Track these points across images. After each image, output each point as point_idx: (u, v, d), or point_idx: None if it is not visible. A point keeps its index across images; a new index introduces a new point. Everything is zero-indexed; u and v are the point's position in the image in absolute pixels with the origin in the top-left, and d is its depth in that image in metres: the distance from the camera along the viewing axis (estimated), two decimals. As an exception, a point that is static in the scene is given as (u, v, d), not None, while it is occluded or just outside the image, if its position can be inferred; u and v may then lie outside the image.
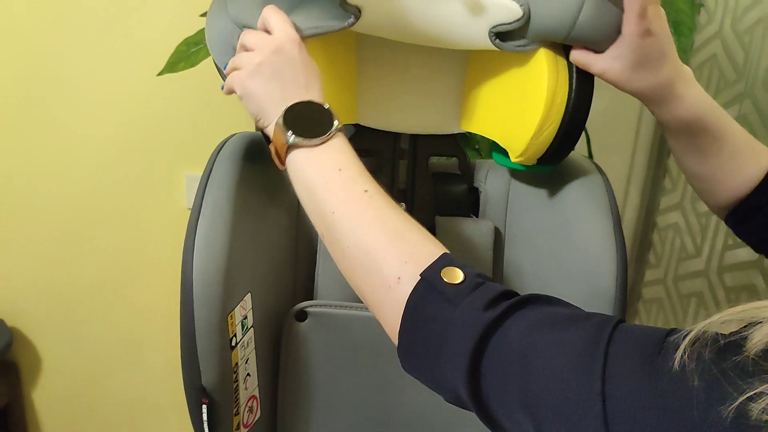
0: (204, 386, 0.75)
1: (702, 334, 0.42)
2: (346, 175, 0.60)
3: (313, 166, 0.62)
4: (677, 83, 0.70)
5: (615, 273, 0.74)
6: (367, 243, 0.56)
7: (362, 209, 0.58)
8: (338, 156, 0.62)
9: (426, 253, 0.54)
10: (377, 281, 0.55)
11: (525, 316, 0.49)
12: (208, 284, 0.72)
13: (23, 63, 1.54)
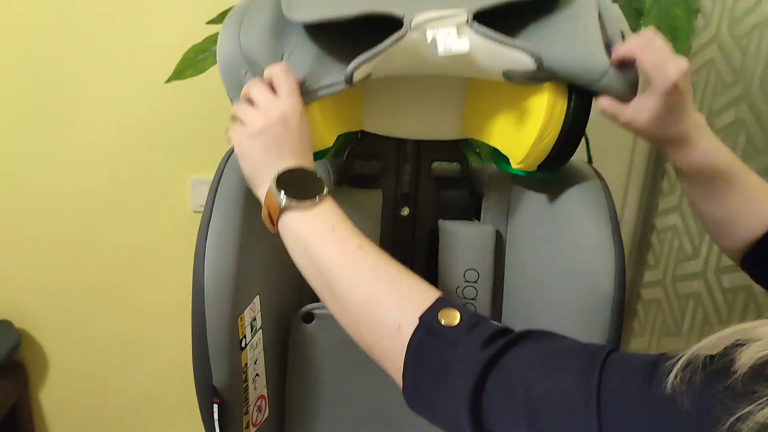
0: (215, 386, 0.77)
1: (693, 358, 0.44)
2: (339, 234, 0.64)
3: (306, 227, 0.65)
4: (691, 130, 0.72)
5: (613, 275, 0.77)
6: (365, 296, 0.59)
7: (358, 264, 0.61)
8: (330, 217, 0.65)
9: (422, 298, 0.57)
10: (380, 331, 0.58)
11: (521, 353, 0.51)
12: (219, 286, 0.75)
13: (32, 67, 1.56)
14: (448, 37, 0.69)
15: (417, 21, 0.69)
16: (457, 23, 0.70)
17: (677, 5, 1.10)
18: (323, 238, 0.64)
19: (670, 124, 0.71)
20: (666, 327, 1.70)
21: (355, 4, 0.71)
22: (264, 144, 0.68)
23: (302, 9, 0.71)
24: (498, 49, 0.71)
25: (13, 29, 1.53)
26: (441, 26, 0.69)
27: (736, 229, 0.76)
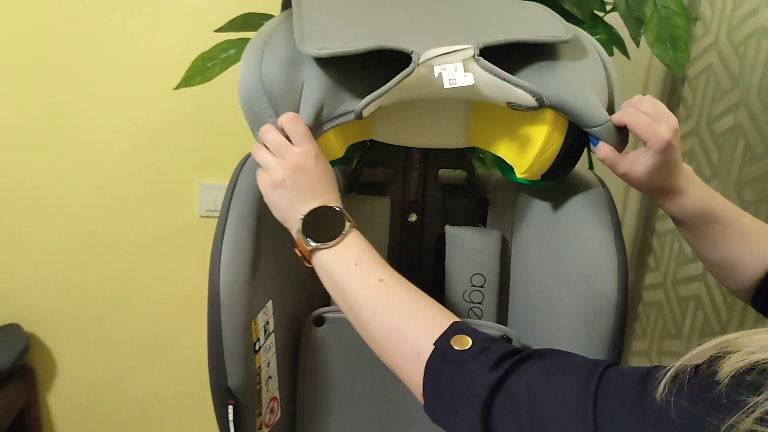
0: (230, 388, 0.79)
1: (681, 370, 0.47)
2: (362, 269, 0.69)
3: (333, 264, 0.71)
4: (682, 181, 0.77)
5: (616, 279, 0.79)
6: (387, 327, 0.65)
7: (379, 297, 0.67)
8: (354, 251, 0.71)
9: (437, 326, 0.62)
10: (401, 358, 0.64)
11: (525, 373, 0.56)
12: (234, 291, 0.77)
13: (42, 73, 1.58)
14: (455, 71, 0.73)
15: (425, 57, 0.73)
16: (464, 58, 0.73)
17: (677, 15, 1.12)
18: (348, 273, 0.69)
19: (665, 177, 0.76)
20: (667, 329, 1.72)
21: (366, 38, 0.74)
22: (286, 192, 0.74)
23: (315, 42, 0.74)
24: (502, 84, 0.74)
25: (25, 36, 1.56)
26: (448, 62, 0.73)
27: (739, 270, 0.79)
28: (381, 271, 0.69)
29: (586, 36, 0.86)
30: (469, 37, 0.76)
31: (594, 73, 0.80)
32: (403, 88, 0.74)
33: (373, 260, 0.70)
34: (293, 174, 0.73)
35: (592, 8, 1.19)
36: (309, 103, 0.74)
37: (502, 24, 0.81)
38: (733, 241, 0.78)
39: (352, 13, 0.80)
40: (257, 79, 0.75)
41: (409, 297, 0.67)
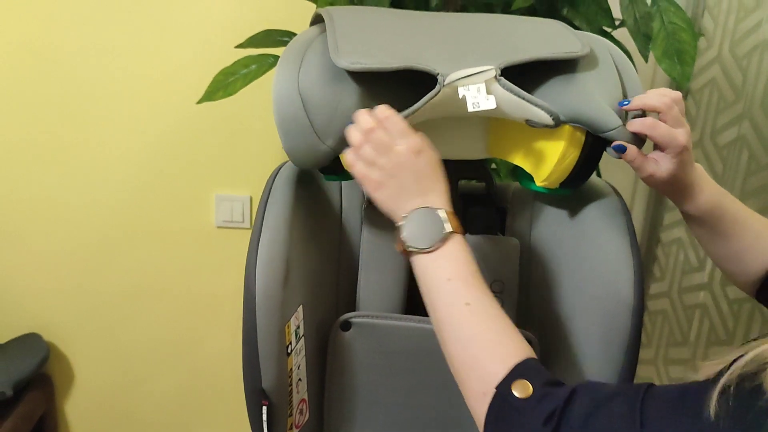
0: (264, 389, 0.83)
1: (727, 384, 0.52)
2: (453, 287, 0.70)
3: (427, 272, 0.72)
4: (698, 178, 0.82)
5: (633, 283, 0.83)
6: (462, 356, 0.67)
7: (461, 323, 0.68)
8: (448, 265, 0.71)
9: (507, 365, 0.64)
10: (470, 390, 0.66)
11: (574, 415, 0.59)
12: (269, 296, 0.81)
13: (64, 85, 1.63)
14: (478, 93, 0.77)
15: (449, 79, 0.77)
16: (486, 79, 0.78)
17: (683, 30, 1.17)
18: (438, 287, 0.71)
19: (683, 176, 0.80)
20: (673, 337, 1.75)
21: (396, 56, 0.79)
22: (389, 192, 0.75)
23: (348, 56, 0.78)
24: (521, 103, 0.79)
25: (46, 48, 1.60)
26: (471, 83, 0.77)
27: (747, 263, 0.83)
28: (469, 293, 0.69)
29: (600, 42, 0.90)
30: (491, 55, 0.81)
31: (606, 78, 0.84)
32: (429, 108, 0.79)
33: (465, 276, 0.70)
34: (394, 174, 0.73)
35: (602, 24, 1.23)
36: (342, 121, 0.79)
37: (522, 42, 0.85)
38: (742, 235, 0.83)
39: (382, 31, 0.85)
40: (294, 84, 0.79)
41: (489, 327, 0.67)
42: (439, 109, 0.81)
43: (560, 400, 0.60)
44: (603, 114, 0.80)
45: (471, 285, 0.70)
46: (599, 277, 0.85)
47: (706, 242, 0.87)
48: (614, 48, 0.90)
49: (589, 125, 0.80)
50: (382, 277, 0.96)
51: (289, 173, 0.90)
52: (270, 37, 1.30)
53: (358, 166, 0.76)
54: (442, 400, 0.95)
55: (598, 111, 0.80)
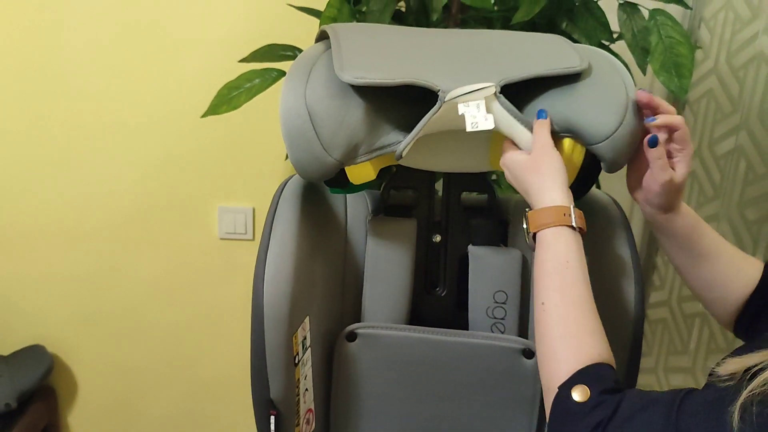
0: (272, 399, 0.84)
1: (749, 400, 0.55)
2: (570, 272, 0.74)
3: (551, 250, 0.75)
4: (678, 198, 0.85)
5: (634, 293, 0.85)
6: (546, 345, 0.71)
7: (566, 317, 0.71)
8: (570, 249, 0.75)
9: (572, 367, 0.67)
10: (545, 381, 0.71)
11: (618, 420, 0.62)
12: (276, 308, 0.82)
13: (68, 99, 1.64)
14: (477, 111, 0.80)
15: (450, 96, 0.80)
16: (485, 96, 0.80)
17: (681, 44, 1.19)
18: (557, 270, 0.74)
19: (683, 184, 0.84)
20: (673, 346, 1.76)
21: (399, 71, 0.81)
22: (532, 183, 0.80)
23: (352, 71, 0.80)
24: (513, 122, 0.82)
25: (50, 63, 1.61)
26: (471, 99, 0.80)
27: (726, 289, 0.85)
28: (582, 286, 0.74)
29: (600, 53, 0.92)
30: (491, 72, 0.83)
31: (608, 85, 0.86)
32: (431, 123, 0.81)
33: (578, 266, 0.74)
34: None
35: (600, 38, 1.25)
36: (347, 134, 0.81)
37: (522, 58, 0.87)
38: (721, 258, 0.85)
39: (385, 47, 0.87)
40: (301, 98, 0.81)
41: (575, 318, 0.71)
42: (440, 123, 0.83)
43: (609, 410, 0.63)
44: (596, 123, 0.82)
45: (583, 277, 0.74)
46: (601, 287, 0.87)
47: (689, 267, 0.88)
48: (614, 59, 0.92)
49: (582, 135, 0.82)
50: (387, 288, 0.97)
51: (295, 186, 0.92)
52: (273, 51, 1.32)
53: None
54: (448, 410, 0.97)
55: (593, 120, 0.82)
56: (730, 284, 0.84)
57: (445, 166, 0.97)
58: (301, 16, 1.35)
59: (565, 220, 0.75)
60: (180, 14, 1.60)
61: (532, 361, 0.94)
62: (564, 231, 0.75)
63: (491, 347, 0.95)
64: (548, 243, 0.75)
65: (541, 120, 0.82)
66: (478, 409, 0.96)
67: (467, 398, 0.96)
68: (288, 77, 0.83)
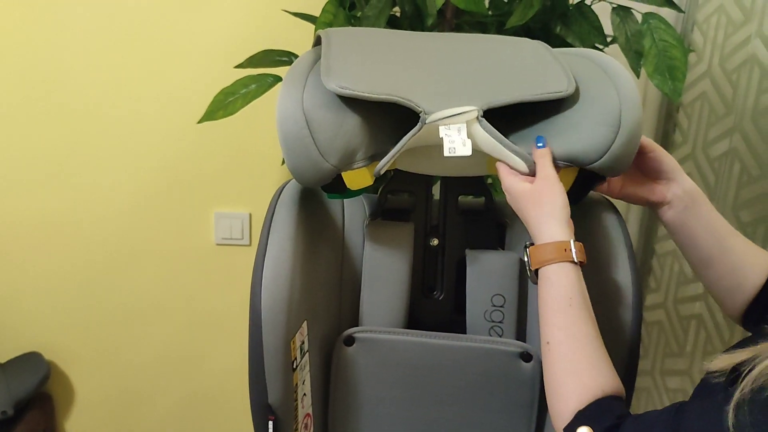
0: (270, 404, 0.84)
1: (741, 398, 0.56)
2: (573, 312, 0.74)
3: (554, 287, 0.76)
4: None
5: (632, 295, 0.85)
6: (552, 381, 0.73)
7: (570, 355, 0.73)
8: (571, 284, 0.76)
9: (582, 400, 0.69)
10: (554, 418, 0.72)
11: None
12: (274, 313, 0.82)
13: (65, 104, 1.64)
14: (458, 135, 0.80)
15: (431, 119, 0.80)
16: (467, 120, 0.81)
17: (674, 47, 1.20)
18: (558, 307, 0.75)
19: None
20: (669, 348, 1.76)
21: (384, 85, 0.81)
22: (530, 212, 0.81)
23: (337, 79, 0.80)
24: (499, 147, 0.82)
25: (47, 69, 1.62)
26: (452, 123, 0.80)
27: (737, 282, 0.86)
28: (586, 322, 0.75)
29: (588, 56, 0.91)
30: (476, 93, 0.83)
31: (598, 96, 0.85)
32: (413, 141, 0.82)
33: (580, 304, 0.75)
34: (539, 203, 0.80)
35: (594, 41, 1.26)
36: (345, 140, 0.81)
37: (509, 78, 0.87)
38: (735, 249, 0.87)
39: (375, 56, 0.87)
40: (298, 103, 0.81)
41: (582, 357, 0.73)
42: (423, 140, 0.84)
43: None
44: (589, 145, 0.82)
45: (586, 312, 0.75)
46: (598, 290, 0.87)
47: (699, 262, 0.89)
48: (603, 57, 0.91)
49: (576, 160, 0.83)
50: (384, 292, 0.97)
51: (292, 192, 0.92)
52: (269, 57, 1.33)
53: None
54: (446, 414, 0.97)
55: (585, 143, 0.82)
56: (743, 276, 0.85)
57: (441, 171, 0.97)
58: (297, 21, 1.36)
59: (566, 255, 0.76)
60: (175, 20, 1.60)
61: (530, 365, 0.94)
62: (566, 267, 0.76)
63: (489, 351, 0.95)
64: (551, 280, 0.76)
65: (542, 150, 0.82)
66: (476, 413, 0.96)
67: (465, 402, 0.96)
68: (285, 83, 0.83)
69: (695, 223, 0.88)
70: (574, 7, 1.26)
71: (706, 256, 0.88)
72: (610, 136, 0.81)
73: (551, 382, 0.73)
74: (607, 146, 0.81)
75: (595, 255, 0.90)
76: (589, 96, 0.85)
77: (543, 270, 0.77)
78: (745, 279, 0.85)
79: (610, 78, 0.86)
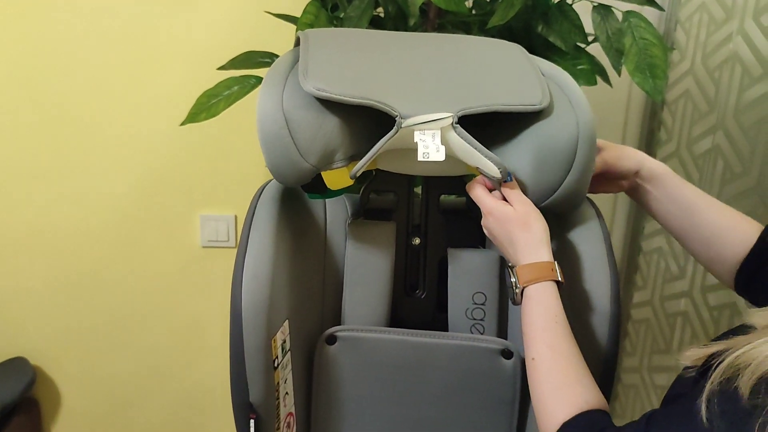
0: (251, 403, 0.84)
1: (711, 391, 0.57)
2: (558, 329, 0.77)
3: (542, 305, 0.79)
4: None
5: (609, 291, 0.85)
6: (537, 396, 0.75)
7: (556, 371, 0.75)
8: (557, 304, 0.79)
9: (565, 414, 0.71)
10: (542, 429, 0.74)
11: None
12: (255, 312, 0.82)
13: (48, 109, 1.64)
14: (432, 141, 0.81)
15: (407, 123, 0.81)
16: (442, 126, 0.81)
17: (654, 46, 1.20)
18: (544, 325, 0.78)
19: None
20: (656, 345, 1.77)
21: (360, 88, 0.81)
22: (510, 248, 0.84)
23: (314, 80, 0.80)
24: (473, 152, 0.83)
25: (28, 75, 1.61)
26: (427, 128, 0.81)
27: (722, 248, 0.88)
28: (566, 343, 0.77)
29: (563, 86, 0.91)
30: (452, 98, 0.84)
31: (558, 135, 0.85)
32: (390, 143, 0.82)
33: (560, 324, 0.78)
34: (517, 232, 0.82)
35: (576, 40, 1.26)
36: (324, 140, 0.81)
37: (486, 84, 0.88)
38: (711, 209, 0.90)
39: (353, 58, 0.87)
40: (278, 103, 0.81)
41: (563, 371, 0.75)
42: (399, 144, 0.84)
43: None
44: (538, 183, 0.85)
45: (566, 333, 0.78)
46: (577, 287, 0.88)
47: (681, 222, 0.92)
48: (568, 83, 0.91)
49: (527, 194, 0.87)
50: (367, 291, 0.97)
51: (273, 191, 0.92)
52: (251, 58, 1.33)
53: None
54: (428, 412, 0.97)
55: (536, 181, 0.85)
56: (726, 240, 0.87)
57: (422, 171, 0.97)
58: (279, 22, 1.35)
59: (552, 275, 0.79)
60: (158, 23, 1.60)
61: (512, 362, 0.95)
62: (551, 286, 0.79)
63: (471, 348, 0.95)
64: (537, 298, 0.79)
65: (511, 183, 0.85)
66: (458, 411, 0.96)
67: (448, 400, 0.96)
68: (265, 82, 0.83)
69: (661, 201, 0.93)
70: (555, 6, 1.27)
71: (678, 232, 0.93)
72: (558, 179, 0.85)
73: (539, 397, 0.75)
74: (554, 188, 0.85)
75: (571, 252, 0.90)
76: (551, 125, 0.86)
77: (530, 288, 0.80)
78: (723, 250, 0.87)
79: (574, 109, 0.87)
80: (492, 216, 0.84)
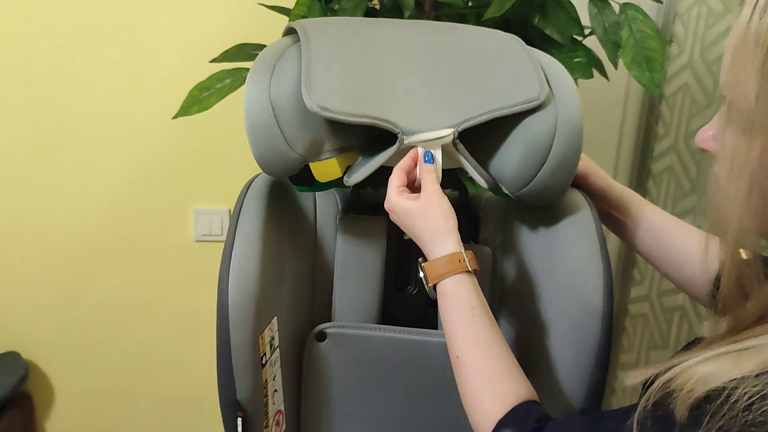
0: (239, 401, 0.83)
1: (642, 413, 0.55)
2: (477, 318, 0.75)
3: (455, 299, 0.76)
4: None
5: (602, 289, 0.84)
6: (466, 390, 0.73)
7: (482, 366, 0.73)
8: (472, 293, 0.77)
9: (500, 408, 0.69)
10: (471, 421, 0.73)
11: None
12: (242, 308, 0.81)
13: (40, 102, 1.63)
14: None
15: (409, 140, 0.81)
16: (443, 144, 0.82)
17: (652, 38, 1.19)
18: (460, 318, 0.76)
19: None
20: (653, 340, 1.76)
21: (364, 104, 0.80)
22: (418, 233, 0.81)
23: (317, 97, 0.78)
24: (467, 164, 0.84)
25: (18, 68, 1.60)
26: (429, 147, 0.81)
27: (693, 268, 0.88)
28: (488, 330, 0.75)
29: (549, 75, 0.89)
30: (451, 106, 0.83)
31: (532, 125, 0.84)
32: (388, 155, 0.82)
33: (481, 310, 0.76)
34: (419, 222, 0.80)
35: (572, 33, 1.25)
36: (312, 130, 0.80)
37: (483, 86, 0.86)
38: (680, 231, 0.92)
39: (353, 67, 0.84)
40: (265, 93, 0.80)
41: (489, 365, 0.73)
42: (398, 157, 0.84)
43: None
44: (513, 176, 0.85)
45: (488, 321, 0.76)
46: (570, 284, 0.86)
47: (650, 246, 0.94)
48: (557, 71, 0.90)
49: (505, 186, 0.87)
50: (357, 286, 0.96)
51: (261, 185, 0.91)
52: (243, 51, 1.31)
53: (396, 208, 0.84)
54: (419, 409, 0.96)
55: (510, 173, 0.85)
56: (695, 262, 0.87)
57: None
58: (272, 14, 1.34)
59: (461, 266, 0.76)
60: (149, 15, 1.59)
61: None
62: (462, 278, 0.76)
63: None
64: (450, 294, 0.77)
65: (428, 166, 0.82)
66: (448, 408, 0.95)
67: (438, 397, 0.95)
68: (252, 72, 0.82)
69: (629, 228, 0.95)
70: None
71: (649, 256, 0.94)
72: (531, 174, 0.83)
73: (468, 396, 0.73)
74: (531, 177, 0.83)
75: (564, 249, 0.89)
76: (533, 117, 0.84)
77: (441, 284, 0.77)
78: (693, 272, 0.87)
79: (555, 102, 0.84)
80: (394, 213, 0.82)
